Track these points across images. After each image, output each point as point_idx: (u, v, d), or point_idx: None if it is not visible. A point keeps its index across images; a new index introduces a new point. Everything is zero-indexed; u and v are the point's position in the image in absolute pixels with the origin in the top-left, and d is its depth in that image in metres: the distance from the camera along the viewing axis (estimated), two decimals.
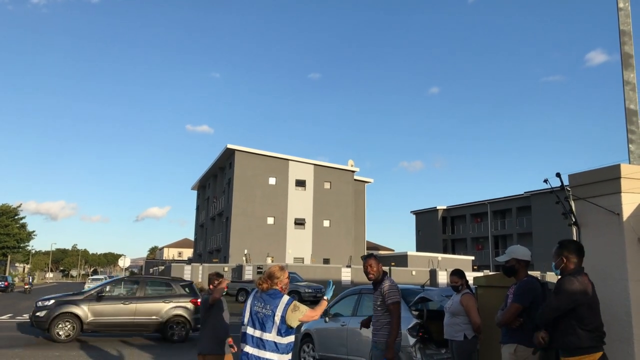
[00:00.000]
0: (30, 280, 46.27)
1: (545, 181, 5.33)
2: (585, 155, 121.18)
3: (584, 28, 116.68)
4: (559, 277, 4.14)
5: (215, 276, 6.62)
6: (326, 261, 45.85)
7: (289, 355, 4.26)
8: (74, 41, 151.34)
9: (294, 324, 4.21)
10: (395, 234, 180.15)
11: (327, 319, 9.16)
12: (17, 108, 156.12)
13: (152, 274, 58.51)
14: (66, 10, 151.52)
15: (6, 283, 45.73)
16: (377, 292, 5.58)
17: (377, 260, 5.79)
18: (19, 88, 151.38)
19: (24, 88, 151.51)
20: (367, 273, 5.70)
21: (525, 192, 58.56)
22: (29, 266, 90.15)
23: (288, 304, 4.23)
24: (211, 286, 6.53)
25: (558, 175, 4.94)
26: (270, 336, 4.16)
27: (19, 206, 58.61)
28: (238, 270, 36.29)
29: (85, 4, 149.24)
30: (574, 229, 5.32)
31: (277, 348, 4.15)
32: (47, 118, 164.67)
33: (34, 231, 60.38)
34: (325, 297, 4.56)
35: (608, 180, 4.81)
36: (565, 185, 5.06)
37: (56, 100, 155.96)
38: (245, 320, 4.34)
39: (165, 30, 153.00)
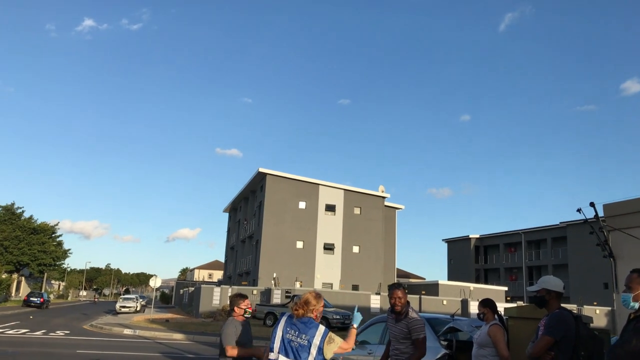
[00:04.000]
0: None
1: (579, 211, 5.22)
2: (621, 185, 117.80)
3: (619, 57, 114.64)
4: (634, 312, 3.50)
5: (239, 297, 5.72)
6: (355, 287, 45.36)
7: None
8: (112, 66, 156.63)
9: (329, 356, 4.10)
10: (426, 262, 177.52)
11: (354, 346, 9.02)
12: (53, 129, 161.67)
13: (182, 295, 58.94)
14: (108, 36, 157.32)
15: (42, 299, 46.67)
16: (401, 323, 5.46)
17: (404, 290, 5.65)
18: (56, 111, 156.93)
19: (61, 111, 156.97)
20: (393, 304, 5.55)
21: (560, 223, 57.07)
22: (64, 283, 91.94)
23: (325, 335, 4.11)
24: (236, 308, 5.59)
25: (592, 205, 4.81)
26: None
27: (56, 225, 60.13)
28: (267, 293, 36.22)
29: (126, 30, 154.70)
30: (610, 261, 5.14)
31: None
32: (80, 139, 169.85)
33: (69, 249, 61.82)
34: (354, 325, 4.47)
35: None
36: (601, 216, 4.92)
37: (91, 122, 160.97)
38: (276, 347, 4.18)
39: (199, 57, 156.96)
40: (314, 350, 4.04)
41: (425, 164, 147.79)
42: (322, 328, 4.16)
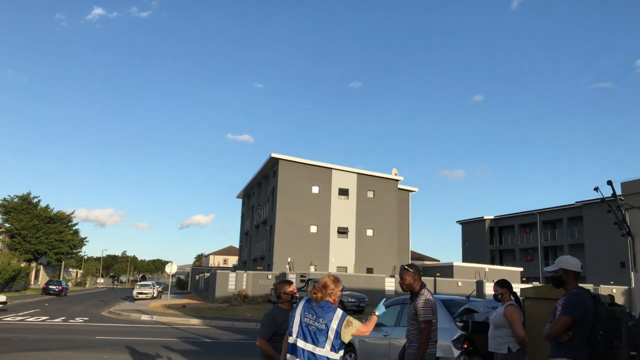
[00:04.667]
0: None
1: (596, 189, 5.12)
2: (638, 163, 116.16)
3: (633, 34, 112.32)
4: None
5: (285, 283, 5.52)
6: (369, 270, 45.48)
7: None
8: (123, 54, 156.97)
9: (347, 339, 4.09)
10: (441, 244, 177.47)
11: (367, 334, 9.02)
12: (68, 119, 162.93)
13: (198, 281, 59.53)
14: (118, 24, 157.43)
15: (60, 287, 47.43)
16: (412, 305, 5.44)
17: (411, 272, 5.50)
18: (71, 99, 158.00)
19: (75, 101, 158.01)
20: (400, 284, 5.63)
21: (576, 202, 56.52)
22: (81, 271, 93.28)
23: (342, 319, 4.09)
24: (283, 294, 5.45)
25: (609, 183, 4.71)
26: (324, 351, 4.02)
27: (72, 213, 60.81)
28: (282, 277, 36.47)
29: (135, 18, 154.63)
30: (628, 240, 5.04)
31: None
32: (94, 128, 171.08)
33: (86, 237, 62.46)
34: (376, 313, 4.46)
35: None
36: (619, 195, 4.81)
37: (105, 111, 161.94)
38: (294, 331, 4.18)
39: (209, 43, 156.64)
40: (331, 334, 4.03)
41: (438, 146, 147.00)
42: (339, 312, 4.15)
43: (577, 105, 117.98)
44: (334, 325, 4.06)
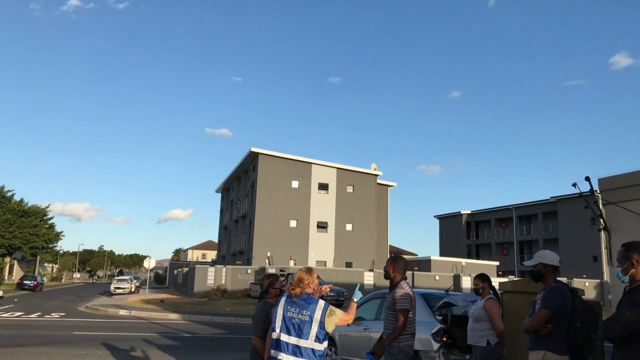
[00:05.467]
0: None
1: (574, 185, 5.22)
2: (611, 160, 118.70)
3: (607, 31, 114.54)
4: (628, 285, 3.57)
5: (273, 278, 5.31)
6: (348, 265, 45.71)
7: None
8: (99, 45, 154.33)
9: (331, 328, 4.12)
10: (419, 238, 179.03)
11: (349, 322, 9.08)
12: (42, 110, 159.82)
13: (176, 275, 59.12)
14: (94, 15, 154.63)
15: (35, 282, 46.65)
16: (390, 294, 5.51)
17: (394, 263, 5.58)
18: (45, 91, 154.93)
19: (50, 91, 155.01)
20: (383, 269, 5.72)
21: (551, 197, 57.54)
22: (57, 266, 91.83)
23: (325, 308, 4.12)
24: (271, 289, 5.19)
25: (587, 179, 4.81)
26: (308, 343, 4.04)
27: (47, 207, 59.77)
28: (261, 272, 36.41)
29: (112, 10, 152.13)
30: (603, 234, 5.17)
31: (314, 355, 4.03)
32: (69, 120, 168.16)
33: (62, 232, 61.59)
34: (354, 300, 4.52)
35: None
36: (595, 190, 4.92)
37: (80, 103, 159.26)
38: (277, 326, 4.18)
39: (187, 35, 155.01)
40: (315, 325, 4.06)
41: (415, 141, 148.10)
42: (322, 302, 4.18)
43: (552, 102, 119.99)
44: (317, 315, 4.08)
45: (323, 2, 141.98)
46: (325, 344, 4.11)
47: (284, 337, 4.12)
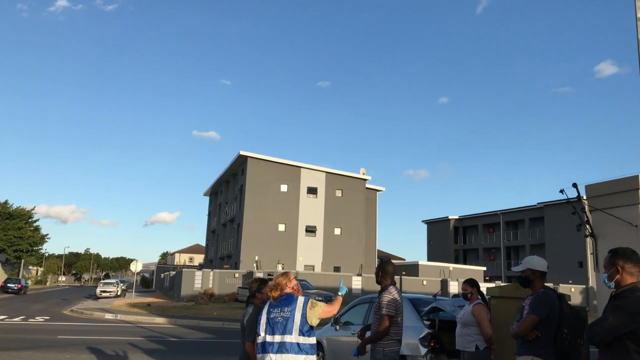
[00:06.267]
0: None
1: (562, 191, 5.28)
2: (598, 167, 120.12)
3: (593, 40, 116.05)
4: (614, 290, 3.59)
5: (262, 282, 5.19)
6: (337, 269, 45.68)
7: (315, 357, 4.15)
8: (87, 47, 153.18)
9: (315, 321, 4.14)
10: (406, 243, 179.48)
11: (337, 327, 9.07)
12: (29, 111, 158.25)
13: (163, 279, 58.69)
14: (82, 17, 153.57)
15: (19, 285, 46.04)
16: (378, 298, 5.56)
17: (385, 270, 5.55)
18: (31, 92, 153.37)
19: (37, 92, 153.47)
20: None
21: (538, 203, 58.03)
22: (42, 269, 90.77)
23: (306, 302, 4.18)
24: (258, 294, 5.08)
25: (574, 185, 4.87)
26: (292, 338, 4.06)
27: (33, 209, 59.13)
28: (249, 276, 36.26)
29: (100, 12, 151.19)
30: (590, 240, 5.22)
31: (300, 349, 4.05)
32: (55, 122, 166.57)
33: (47, 234, 60.95)
34: (340, 294, 4.55)
35: (626, 192, 4.74)
36: (582, 196, 4.98)
37: (67, 105, 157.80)
38: (262, 330, 4.20)
39: (175, 38, 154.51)
40: (298, 319, 4.09)
41: (403, 146, 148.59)
42: (301, 298, 4.23)
43: (539, 109, 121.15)
44: (299, 308, 4.13)
45: (312, 7, 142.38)
46: (312, 340, 4.12)
47: (269, 338, 4.15)
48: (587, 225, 4.90)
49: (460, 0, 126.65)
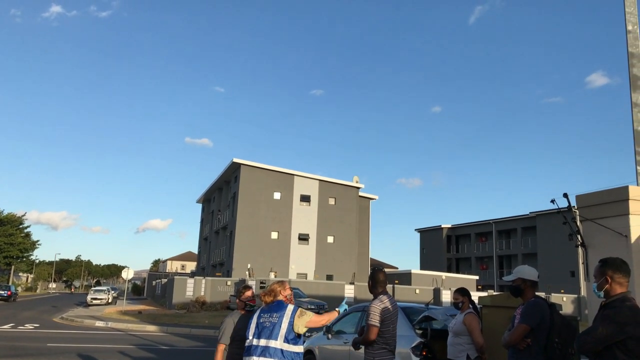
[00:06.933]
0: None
1: (553, 201, 5.31)
2: (588, 177, 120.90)
3: (584, 51, 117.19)
4: (604, 300, 3.64)
5: (242, 289, 5.39)
6: (329, 277, 45.58)
7: None
8: (79, 53, 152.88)
9: (302, 329, 4.18)
10: (399, 251, 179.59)
11: (329, 335, 9.05)
12: (20, 117, 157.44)
13: (155, 287, 58.35)
14: (76, 23, 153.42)
15: (9, 292, 45.59)
16: (367, 308, 5.51)
17: (376, 278, 5.46)
18: (23, 97, 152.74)
19: (28, 97, 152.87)
20: None
21: (530, 212, 58.26)
22: (32, 276, 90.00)
23: (295, 310, 4.24)
24: (238, 301, 5.34)
25: (565, 195, 4.91)
26: (277, 343, 4.10)
27: (23, 215, 58.76)
28: (241, 284, 36.13)
29: (94, 18, 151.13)
30: (581, 250, 5.26)
31: (283, 356, 4.07)
32: (48, 127, 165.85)
33: (38, 241, 60.61)
34: (338, 310, 4.60)
35: (616, 202, 4.78)
36: (573, 206, 5.01)
37: (59, 111, 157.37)
38: (250, 333, 4.27)
39: (169, 45, 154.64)
40: (284, 326, 4.15)
41: (396, 154, 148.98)
42: (291, 306, 4.31)
43: (530, 119, 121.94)
44: (287, 315, 4.20)
45: (307, 15, 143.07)
46: (297, 348, 4.14)
47: (255, 342, 4.22)
48: (578, 235, 4.95)
49: (452, 10, 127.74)
